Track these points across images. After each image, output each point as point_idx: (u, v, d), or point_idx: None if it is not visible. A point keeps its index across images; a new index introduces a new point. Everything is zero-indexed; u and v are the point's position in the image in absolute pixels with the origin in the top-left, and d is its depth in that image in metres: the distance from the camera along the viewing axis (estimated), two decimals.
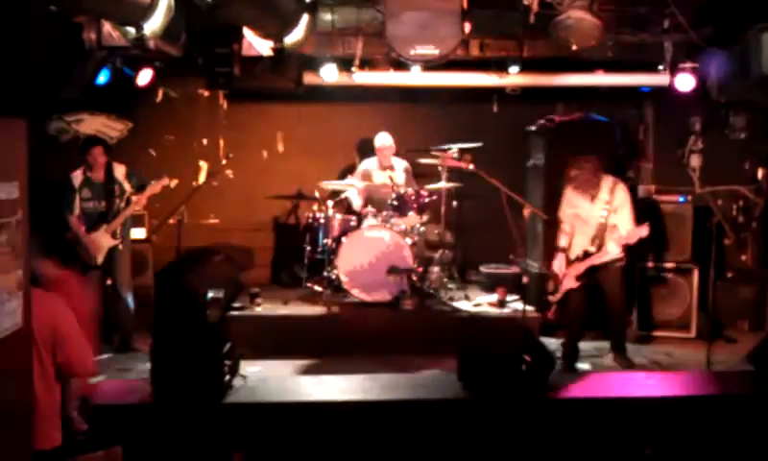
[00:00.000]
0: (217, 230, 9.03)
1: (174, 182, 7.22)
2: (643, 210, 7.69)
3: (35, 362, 3.41)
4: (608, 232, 6.46)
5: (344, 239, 7.66)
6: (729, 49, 6.67)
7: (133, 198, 7.06)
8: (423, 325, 7.41)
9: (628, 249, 6.56)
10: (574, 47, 6.11)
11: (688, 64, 7.49)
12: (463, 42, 6.60)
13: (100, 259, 6.94)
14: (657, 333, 7.58)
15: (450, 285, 8.26)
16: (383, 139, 8.38)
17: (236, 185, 9.04)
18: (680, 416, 5.52)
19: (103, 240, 6.95)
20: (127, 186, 7.07)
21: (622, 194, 6.52)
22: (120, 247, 7.03)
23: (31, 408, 3.34)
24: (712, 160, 8.49)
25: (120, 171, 7.08)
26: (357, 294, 7.62)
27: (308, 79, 7.98)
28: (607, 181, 6.57)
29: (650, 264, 7.63)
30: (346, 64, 7.79)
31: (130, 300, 7.12)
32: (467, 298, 8.06)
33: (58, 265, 4.24)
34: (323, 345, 7.10)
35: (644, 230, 6.32)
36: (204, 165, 8.96)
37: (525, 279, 7.30)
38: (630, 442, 5.42)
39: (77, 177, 6.99)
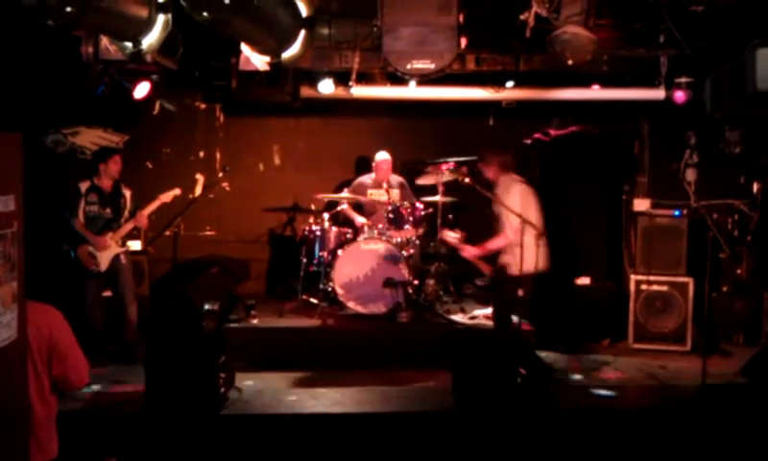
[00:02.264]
0: (213, 242, 9.05)
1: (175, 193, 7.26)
2: (639, 224, 7.78)
3: (30, 374, 3.40)
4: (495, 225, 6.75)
5: (340, 252, 7.68)
6: (724, 64, 6.70)
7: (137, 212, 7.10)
8: (419, 337, 7.42)
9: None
10: (570, 62, 6.12)
11: (684, 79, 7.53)
12: (459, 57, 6.63)
13: (104, 266, 6.91)
14: (652, 346, 7.58)
15: (446, 298, 8.29)
16: (381, 156, 8.43)
17: (233, 198, 9.06)
18: (674, 428, 5.53)
19: (109, 244, 6.95)
20: (129, 205, 7.12)
21: (509, 193, 6.68)
22: (123, 259, 7.03)
23: (27, 420, 3.33)
24: (708, 174, 8.49)
25: (127, 191, 7.17)
26: (353, 306, 7.63)
27: (305, 92, 8.00)
28: (509, 179, 6.78)
29: (645, 277, 7.64)
30: (342, 78, 7.81)
31: (133, 311, 7.09)
32: (462, 311, 8.08)
33: None
34: (318, 357, 7.10)
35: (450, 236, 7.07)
36: (200, 178, 8.99)
37: (520, 292, 7.30)
38: (624, 454, 5.43)
39: (83, 184, 7.01)
